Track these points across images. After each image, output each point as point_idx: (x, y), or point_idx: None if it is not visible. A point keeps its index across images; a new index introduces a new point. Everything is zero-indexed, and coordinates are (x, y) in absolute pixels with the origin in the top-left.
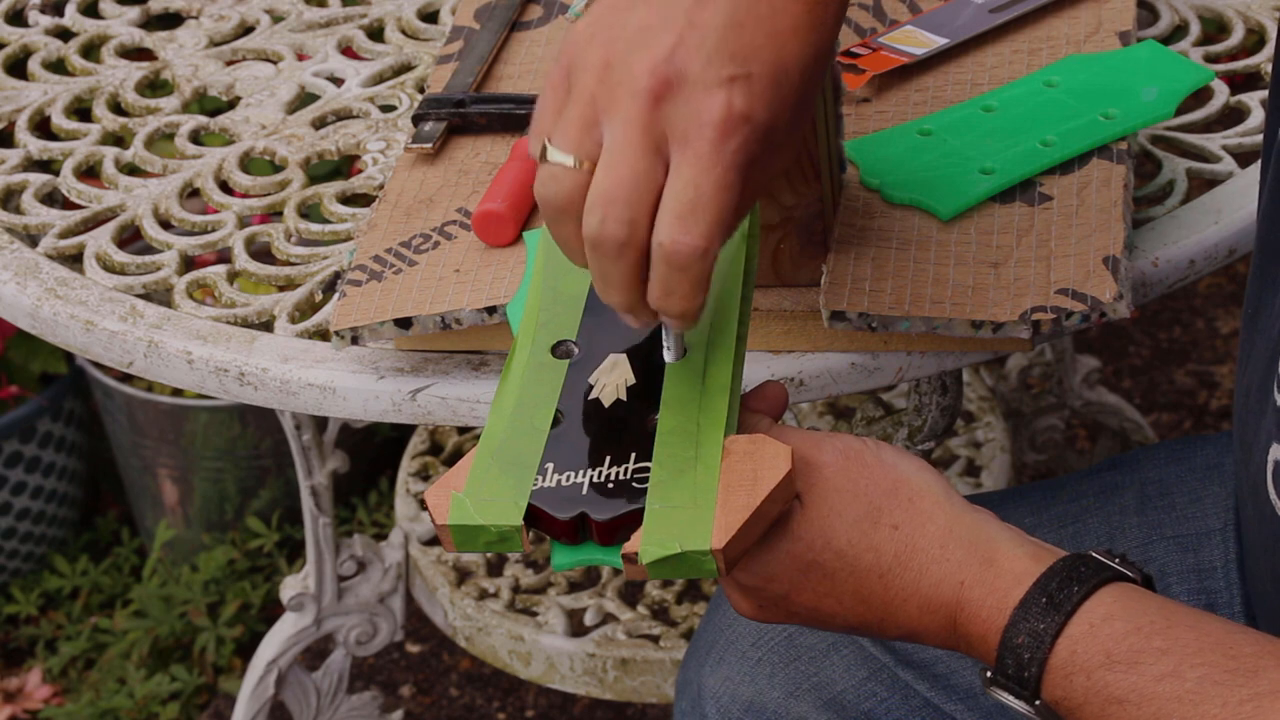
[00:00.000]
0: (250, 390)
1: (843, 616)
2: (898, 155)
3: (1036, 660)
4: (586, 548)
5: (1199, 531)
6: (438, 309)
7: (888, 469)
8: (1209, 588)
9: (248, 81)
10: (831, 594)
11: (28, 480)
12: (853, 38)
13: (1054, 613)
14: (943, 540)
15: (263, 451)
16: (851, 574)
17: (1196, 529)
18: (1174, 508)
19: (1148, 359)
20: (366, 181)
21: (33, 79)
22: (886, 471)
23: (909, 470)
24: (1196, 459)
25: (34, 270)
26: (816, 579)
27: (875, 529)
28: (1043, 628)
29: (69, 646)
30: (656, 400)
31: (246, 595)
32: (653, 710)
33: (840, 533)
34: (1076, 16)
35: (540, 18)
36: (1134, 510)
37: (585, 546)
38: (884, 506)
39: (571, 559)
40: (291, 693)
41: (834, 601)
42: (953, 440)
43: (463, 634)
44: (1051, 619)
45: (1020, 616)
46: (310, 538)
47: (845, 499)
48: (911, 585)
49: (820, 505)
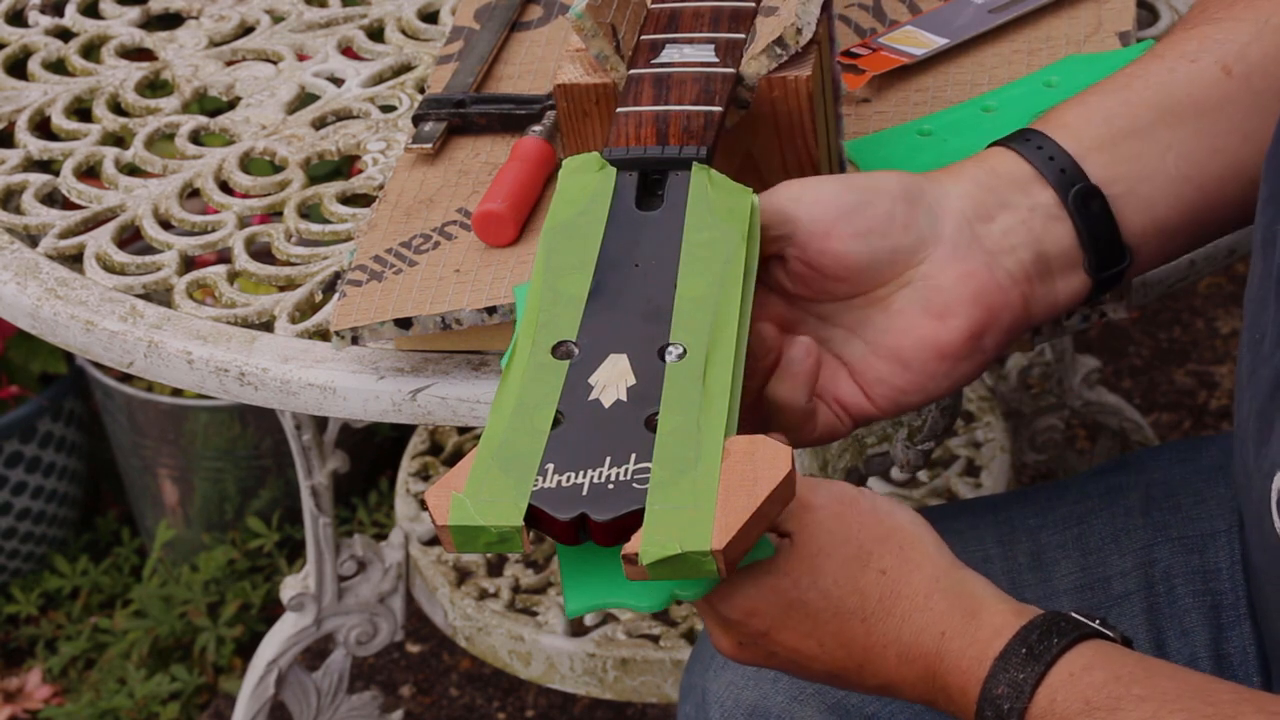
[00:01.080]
0: (250, 390)
1: (821, 661)
2: (898, 155)
3: (1016, 710)
4: (601, 590)
5: (1204, 533)
6: (438, 309)
7: (881, 517)
8: (1214, 589)
9: (248, 82)
10: (813, 635)
11: (28, 480)
12: (853, 38)
13: (1034, 663)
14: (928, 591)
15: (263, 451)
16: (835, 615)
17: (1202, 530)
18: (1179, 509)
19: (1148, 359)
20: (366, 182)
21: (33, 79)
22: (880, 519)
23: (902, 520)
24: (1202, 460)
25: (34, 270)
26: (799, 618)
27: (863, 572)
28: (1022, 677)
29: (69, 646)
30: (657, 401)
31: (246, 595)
32: (653, 710)
33: (828, 572)
34: (1076, 16)
35: (540, 18)
36: (1139, 511)
37: (599, 589)
38: (874, 551)
39: (586, 604)
40: (291, 693)
41: (814, 643)
42: (953, 440)
43: (463, 634)
44: (1031, 669)
45: (1000, 668)
46: (310, 538)
47: (836, 540)
48: (893, 632)
49: (810, 544)
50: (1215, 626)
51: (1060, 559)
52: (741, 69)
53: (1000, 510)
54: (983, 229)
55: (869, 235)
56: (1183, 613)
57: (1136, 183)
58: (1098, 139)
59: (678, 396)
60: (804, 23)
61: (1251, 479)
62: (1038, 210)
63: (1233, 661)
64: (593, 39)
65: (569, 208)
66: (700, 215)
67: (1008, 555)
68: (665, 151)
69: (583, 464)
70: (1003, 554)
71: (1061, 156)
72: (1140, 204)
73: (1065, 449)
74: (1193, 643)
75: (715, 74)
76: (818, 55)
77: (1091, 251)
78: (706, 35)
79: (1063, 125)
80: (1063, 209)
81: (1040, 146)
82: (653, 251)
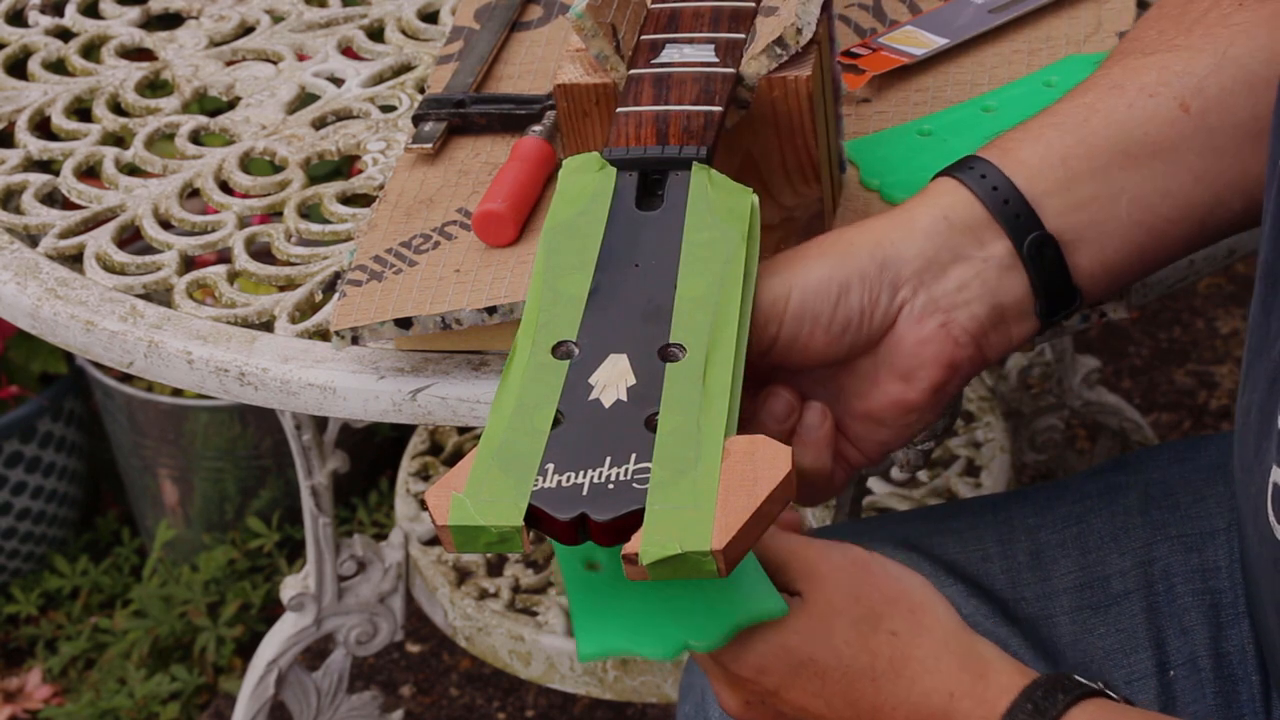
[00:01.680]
0: (250, 390)
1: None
2: (898, 155)
3: None
4: (614, 635)
5: (1204, 531)
6: (438, 309)
7: (892, 580)
8: (1214, 587)
9: (248, 82)
10: (821, 695)
11: (28, 480)
12: (853, 38)
13: (1039, 718)
14: (937, 653)
15: (263, 451)
16: (844, 675)
17: (1201, 529)
18: (1178, 508)
19: (1147, 359)
20: (366, 182)
21: (33, 79)
22: (891, 583)
23: (913, 584)
24: (1200, 459)
25: (34, 270)
26: (808, 677)
27: (874, 633)
28: None
29: (69, 646)
30: (657, 401)
31: (246, 595)
32: (653, 710)
33: (839, 631)
34: (1076, 16)
35: (540, 18)
36: (1138, 510)
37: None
38: (885, 613)
39: (599, 649)
40: (291, 693)
41: (823, 704)
42: (953, 440)
43: (463, 634)
44: None
45: None
46: (310, 538)
47: (848, 600)
48: (903, 693)
49: (822, 603)
50: (1215, 625)
51: (1060, 558)
52: (741, 69)
53: (1000, 510)
54: (937, 287)
55: (845, 332)
56: (1182, 611)
57: (1089, 229)
58: (1055, 182)
59: (678, 396)
60: (804, 23)
61: (1251, 474)
62: (991, 262)
63: (1232, 660)
64: (593, 39)
65: (569, 208)
66: (700, 215)
67: (1007, 554)
68: (665, 151)
69: (583, 464)
70: (1002, 553)
71: (1016, 200)
72: (1092, 249)
73: (1065, 449)
74: (1192, 641)
75: (715, 74)
76: (818, 55)
77: (1043, 298)
78: (706, 35)
79: (1019, 162)
80: (1017, 259)
81: (995, 187)
82: (653, 251)
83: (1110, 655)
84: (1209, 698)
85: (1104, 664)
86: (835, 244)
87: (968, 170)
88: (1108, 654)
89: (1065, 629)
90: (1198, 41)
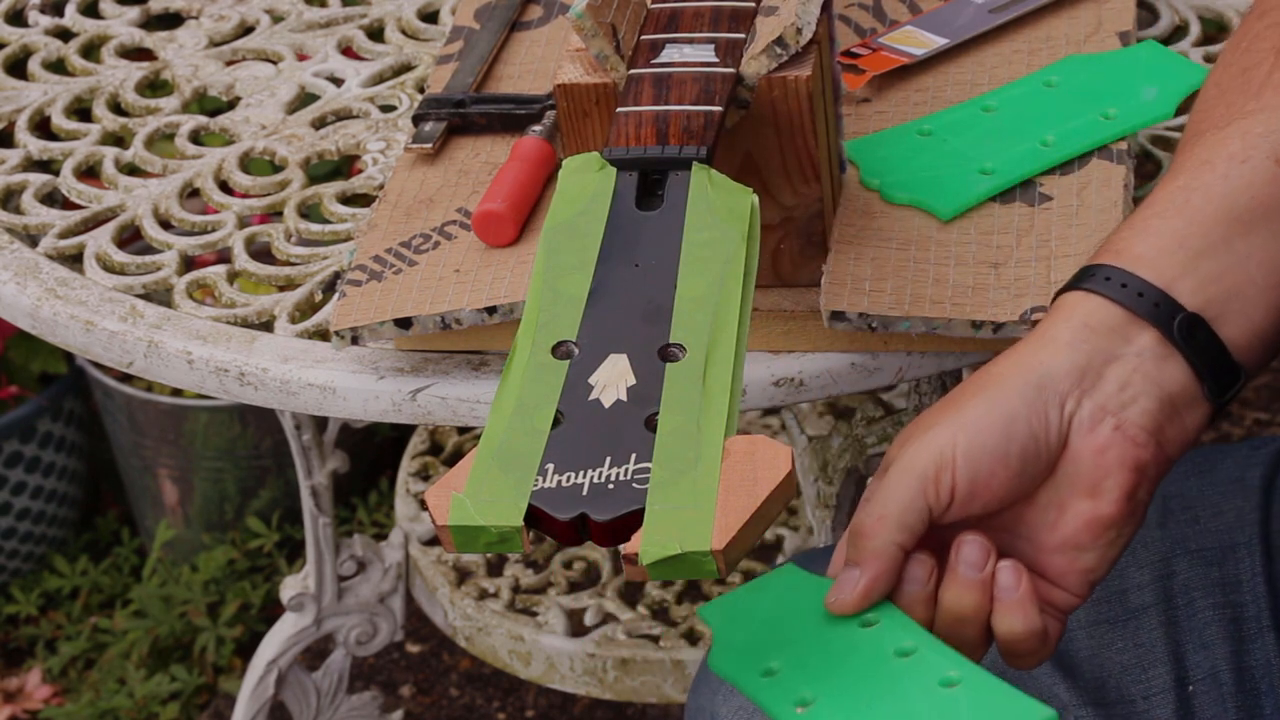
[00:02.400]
0: (250, 390)
1: None
2: (898, 155)
3: None
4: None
5: (1223, 545)
6: (438, 309)
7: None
8: (1235, 601)
9: (248, 81)
10: None
11: (28, 480)
12: (853, 38)
13: None
14: None
15: (263, 451)
16: None
17: (1221, 543)
18: (1197, 521)
19: None
20: (366, 181)
21: (33, 79)
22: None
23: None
24: (1218, 472)
25: (34, 270)
26: None
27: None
28: None
29: (69, 646)
30: (657, 401)
31: (246, 595)
32: (653, 710)
33: None
34: (1076, 16)
35: (540, 18)
36: (1155, 524)
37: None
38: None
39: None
40: (291, 693)
41: None
42: None
43: (463, 634)
44: None
45: None
46: (310, 538)
47: None
48: None
49: None
50: (1237, 639)
51: None
52: (741, 69)
53: None
54: (1099, 392)
55: (1023, 462)
56: (1203, 626)
57: (1230, 300)
58: (1180, 265)
59: (678, 396)
60: (804, 23)
61: None
62: (1146, 354)
63: (1255, 674)
64: (593, 39)
65: (569, 208)
66: (700, 215)
67: None
68: (665, 151)
69: (583, 464)
70: None
71: (1150, 290)
72: (1239, 320)
73: None
74: (1213, 656)
75: (715, 74)
76: (818, 55)
77: (1209, 379)
78: (706, 35)
79: (1137, 258)
80: (1170, 346)
81: (1124, 284)
82: (653, 251)
83: (1128, 670)
84: (1231, 713)
85: (1121, 678)
86: (983, 382)
87: (1090, 279)
88: (1125, 668)
89: (1082, 643)
90: (1270, 101)
